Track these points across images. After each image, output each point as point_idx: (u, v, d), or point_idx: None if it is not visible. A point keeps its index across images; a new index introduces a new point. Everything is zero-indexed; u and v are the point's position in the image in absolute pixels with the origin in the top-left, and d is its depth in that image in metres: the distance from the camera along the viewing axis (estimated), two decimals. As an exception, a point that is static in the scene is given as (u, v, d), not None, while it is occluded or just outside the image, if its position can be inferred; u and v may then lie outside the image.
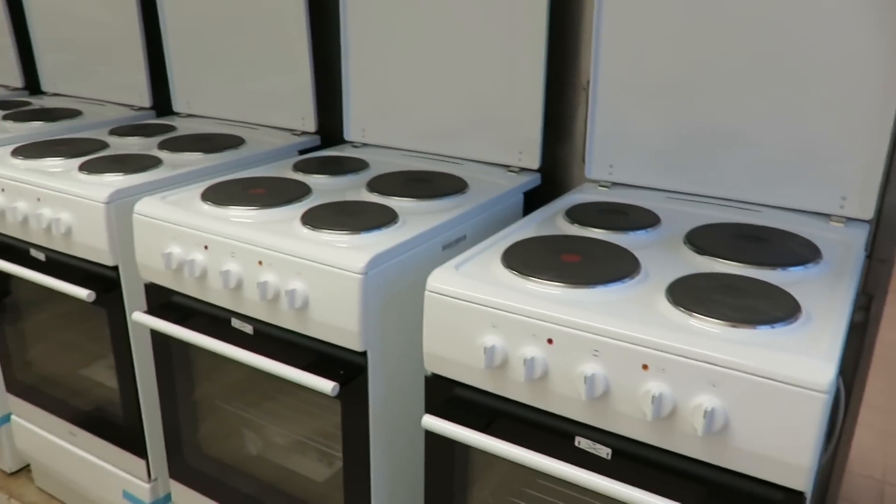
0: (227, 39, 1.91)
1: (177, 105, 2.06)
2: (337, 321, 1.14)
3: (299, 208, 1.31)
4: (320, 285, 1.13)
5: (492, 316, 0.98)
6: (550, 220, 1.29)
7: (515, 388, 1.00)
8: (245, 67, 1.90)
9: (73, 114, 2.05)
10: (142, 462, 1.61)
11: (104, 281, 1.46)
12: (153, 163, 1.56)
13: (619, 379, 0.90)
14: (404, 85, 1.66)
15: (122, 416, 1.59)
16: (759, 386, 0.82)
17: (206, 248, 1.25)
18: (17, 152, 1.64)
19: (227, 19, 1.89)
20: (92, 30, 2.15)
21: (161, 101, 2.11)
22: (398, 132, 1.71)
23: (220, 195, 1.36)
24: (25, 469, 2.02)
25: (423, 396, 1.11)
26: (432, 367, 1.07)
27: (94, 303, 1.45)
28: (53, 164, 1.59)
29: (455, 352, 1.03)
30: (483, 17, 1.50)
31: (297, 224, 1.23)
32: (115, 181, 1.46)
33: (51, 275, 1.49)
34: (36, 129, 1.91)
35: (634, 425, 0.91)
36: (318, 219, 1.24)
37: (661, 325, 0.90)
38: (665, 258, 1.12)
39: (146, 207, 1.33)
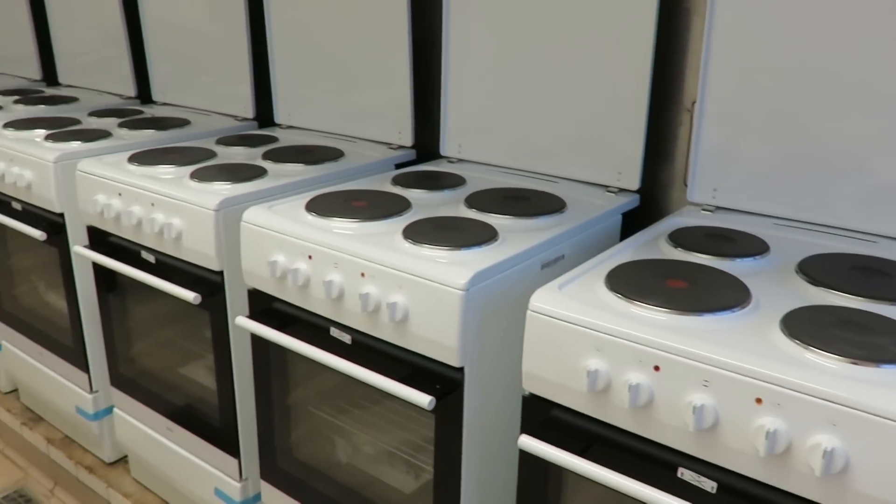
0: (329, 53, 1.96)
1: (278, 117, 2.13)
2: (436, 336, 1.15)
3: (400, 222, 1.33)
4: (421, 299, 1.15)
5: (596, 339, 0.97)
6: (653, 244, 1.27)
7: (617, 414, 0.98)
8: (345, 81, 1.95)
9: (181, 123, 2.15)
10: (234, 461, 1.66)
11: (209, 285, 1.52)
12: (258, 173, 1.62)
13: (731, 411, 0.88)
14: (502, 101, 1.67)
15: (217, 416, 1.65)
16: (884, 428, 0.78)
17: (310, 257, 1.28)
18: (132, 159, 1.73)
19: (331, 34, 1.94)
20: (201, 42, 2.25)
21: (263, 112, 2.19)
22: (495, 149, 1.72)
23: (323, 206, 1.40)
24: (123, 460, 2.12)
25: (517, 415, 1.11)
26: (531, 386, 1.07)
27: (198, 305, 1.51)
28: (166, 171, 1.66)
29: (556, 373, 1.02)
30: (587, 33, 1.50)
31: (399, 238, 1.26)
32: (223, 189, 1.52)
33: (160, 276, 1.57)
34: (148, 137, 2.01)
35: (744, 460, 0.88)
36: (419, 233, 1.26)
37: (776, 358, 0.87)
38: (776, 288, 1.08)
39: (254, 216, 1.38)
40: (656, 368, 0.93)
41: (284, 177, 1.63)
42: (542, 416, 1.07)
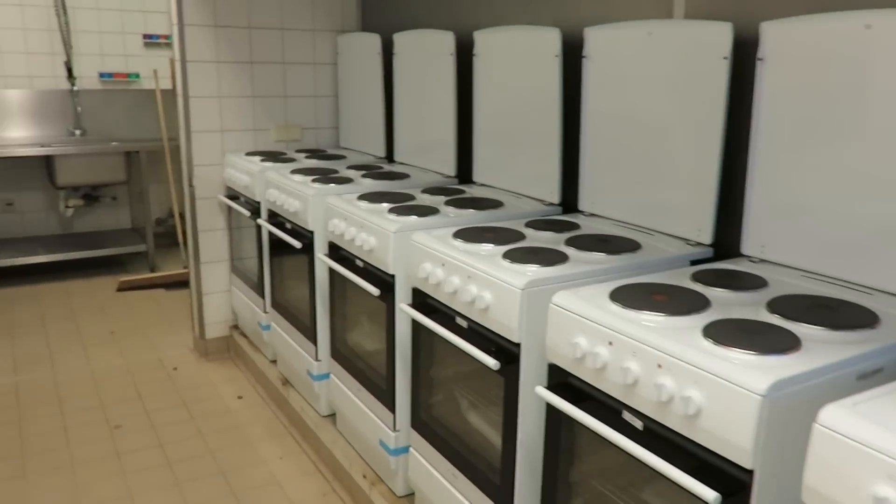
0: (637, 147, 2.09)
1: (582, 204, 2.30)
2: (728, 434, 1.18)
3: (699, 319, 1.39)
4: (717, 398, 1.19)
5: (888, 466, 0.95)
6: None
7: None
8: (650, 175, 2.06)
9: (496, 204, 2.43)
10: (510, 520, 1.79)
11: (507, 354, 1.70)
12: (561, 258, 1.79)
13: None
14: (816, 199, 1.65)
15: (499, 475, 1.80)
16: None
17: (610, 343, 1.40)
18: (457, 235, 2.00)
19: (642, 127, 2.07)
20: (519, 128, 2.52)
21: (568, 198, 2.38)
22: (802, 251, 1.69)
23: (626, 297, 1.51)
24: (411, 496, 2.37)
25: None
26: (812, 501, 1.05)
27: (497, 371, 1.70)
28: (483, 248, 1.90)
29: (839, 495, 1.00)
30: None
31: (698, 335, 1.32)
32: (530, 271, 1.70)
33: (467, 340, 1.79)
34: (469, 216, 2.30)
35: None
36: (719, 333, 1.31)
37: None
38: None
39: (562, 300, 1.53)
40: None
41: (584, 264, 1.78)
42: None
